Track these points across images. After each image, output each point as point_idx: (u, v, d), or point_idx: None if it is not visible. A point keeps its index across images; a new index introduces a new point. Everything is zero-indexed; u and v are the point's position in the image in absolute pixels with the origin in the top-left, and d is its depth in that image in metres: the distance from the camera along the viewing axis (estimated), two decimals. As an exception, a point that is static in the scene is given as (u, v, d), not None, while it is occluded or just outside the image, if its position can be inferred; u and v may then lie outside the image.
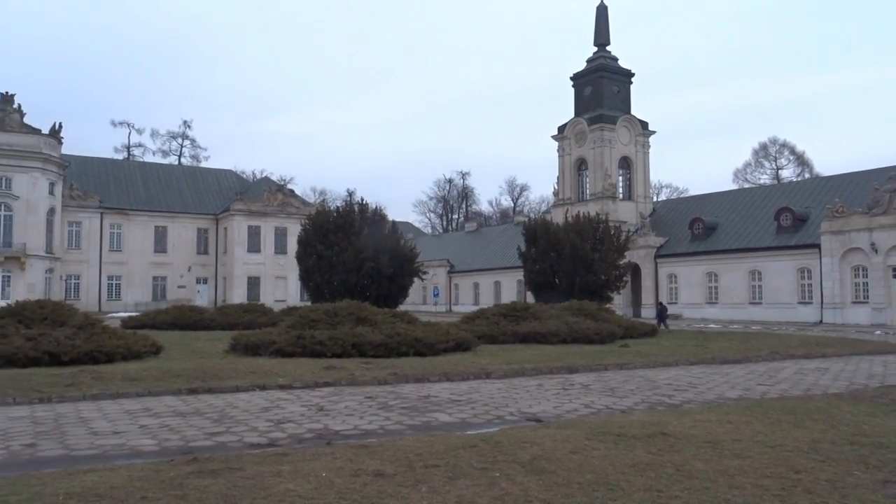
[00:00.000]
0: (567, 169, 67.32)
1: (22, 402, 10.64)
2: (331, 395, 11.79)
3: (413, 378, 13.73)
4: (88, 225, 65.53)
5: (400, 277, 38.59)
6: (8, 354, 14.44)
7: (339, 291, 35.25)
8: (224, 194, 73.21)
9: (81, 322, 17.11)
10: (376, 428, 8.88)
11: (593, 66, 67.21)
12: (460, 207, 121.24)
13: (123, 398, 11.23)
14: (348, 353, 16.98)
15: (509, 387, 12.96)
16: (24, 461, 7.05)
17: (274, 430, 8.66)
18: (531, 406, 10.68)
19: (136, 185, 70.86)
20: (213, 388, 12.08)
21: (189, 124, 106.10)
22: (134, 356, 16.38)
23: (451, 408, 10.46)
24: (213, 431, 8.56)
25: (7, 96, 58.88)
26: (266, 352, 17.26)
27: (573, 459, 6.52)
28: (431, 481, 5.76)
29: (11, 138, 57.82)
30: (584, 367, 15.94)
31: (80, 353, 15.22)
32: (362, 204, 41.48)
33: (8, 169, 57.42)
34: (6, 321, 16.17)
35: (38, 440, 8.01)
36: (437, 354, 17.87)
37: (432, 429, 8.85)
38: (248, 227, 68.30)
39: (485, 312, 25.85)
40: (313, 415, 9.78)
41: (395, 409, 10.26)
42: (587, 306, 27.46)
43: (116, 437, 8.25)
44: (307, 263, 38.97)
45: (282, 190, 73.27)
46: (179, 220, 70.04)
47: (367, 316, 19.39)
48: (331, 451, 6.97)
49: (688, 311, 52.77)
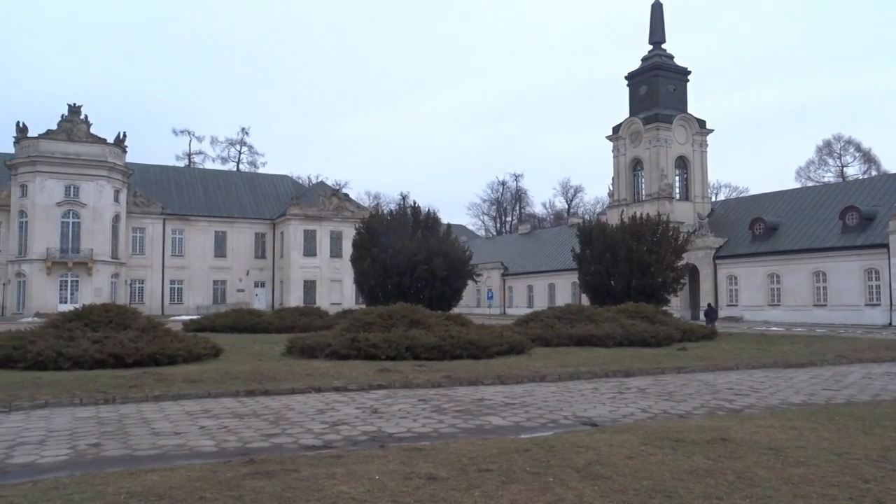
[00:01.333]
0: (622, 169, 66.39)
1: (88, 402, 10.99)
2: (385, 397, 11.84)
3: (466, 381, 13.69)
4: (152, 231, 67.51)
5: (453, 280, 38.62)
6: (75, 357, 14.95)
7: (394, 294, 35.45)
8: (281, 199, 74.53)
9: (144, 325, 17.60)
10: (429, 431, 8.88)
11: (648, 64, 66.14)
12: (514, 209, 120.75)
13: (184, 399, 11.50)
14: (402, 355, 17.05)
15: (564, 390, 12.82)
16: (89, 460, 7.26)
17: (328, 433, 8.73)
18: (586, 410, 10.53)
19: (197, 192, 72.69)
20: (270, 390, 12.27)
21: (247, 131, 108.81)
22: (194, 358, 16.77)
23: (504, 411, 10.39)
24: (270, 433, 8.69)
25: (74, 108, 61.16)
26: (321, 354, 17.46)
27: (629, 465, 6.39)
28: (484, 486, 5.72)
29: (79, 148, 60.03)
30: (640, 371, 15.66)
31: (144, 356, 15.66)
32: (415, 207, 41.66)
33: (76, 178, 59.62)
34: (74, 324, 16.74)
35: (102, 440, 8.24)
36: (490, 357, 17.80)
37: (485, 432, 8.79)
38: (304, 231, 69.38)
39: (539, 315, 25.65)
40: (367, 417, 9.83)
41: (448, 413, 10.24)
42: (643, 308, 26.98)
43: (177, 437, 8.44)
44: (362, 267, 39.33)
45: (337, 194, 74.20)
46: (238, 225, 71.58)
47: (420, 319, 19.44)
48: (384, 454, 6.99)
49: (749, 313, 51.40)
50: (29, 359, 14.81)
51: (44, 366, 14.64)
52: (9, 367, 14.77)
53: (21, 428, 8.99)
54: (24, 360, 14.81)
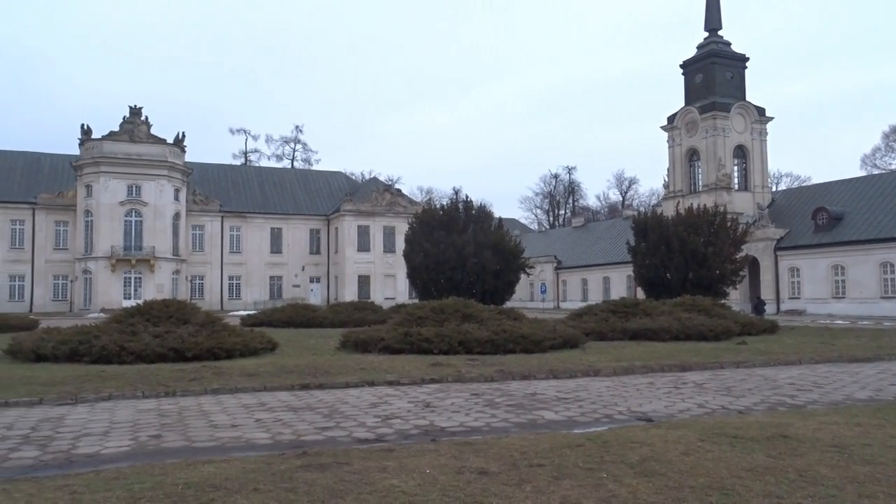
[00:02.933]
0: (677, 160, 65.11)
1: (149, 395, 11.30)
2: (437, 391, 11.86)
3: (519, 375, 13.62)
4: (210, 228, 69.12)
5: (506, 274, 38.52)
6: (138, 351, 15.41)
7: (446, 288, 35.54)
8: (334, 195, 75.41)
9: (203, 320, 18.02)
10: (481, 425, 8.85)
11: (704, 52, 64.63)
12: (567, 202, 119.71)
13: (241, 393, 11.72)
14: (455, 349, 17.06)
15: (618, 385, 12.63)
16: (149, 451, 7.46)
17: (381, 426, 8.78)
18: (641, 405, 10.35)
19: (253, 189, 74.09)
20: (324, 383, 12.41)
21: (300, 129, 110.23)
22: (251, 353, 17.10)
23: (557, 406, 10.29)
24: (324, 426, 8.78)
25: (136, 109, 62.96)
26: (375, 349, 17.60)
27: (685, 461, 6.25)
28: (536, 481, 5.66)
29: (140, 149, 61.81)
30: (697, 365, 15.33)
31: (202, 350, 16.04)
32: (467, 201, 41.64)
33: (138, 177, 61.43)
34: (136, 319, 17.25)
35: (162, 432, 8.46)
36: (543, 351, 17.67)
37: (538, 427, 8.72)
38: (357, 226, 70.07)
39: (593, 309, 25.37)
40: (419, 411, 9.86)
41: (500, 407, 10.19)
42: (701, 302, 26.43)
43: (234, 430, 8.60)
44: (414, 261, 39.55)
45: (389, 190, 74.71)
46: (293, 221, 72.70)
47: (473, 313, 19.42)
48: (435, 448, 6.99)
49: (812, 306, 49.89)
50: (94, 353, 15.33)
51: (108, 359, 15.12)
52: (75, 360, 15.31)
53: (86, 419, 9.29)
54: (90, 354, 15.33)
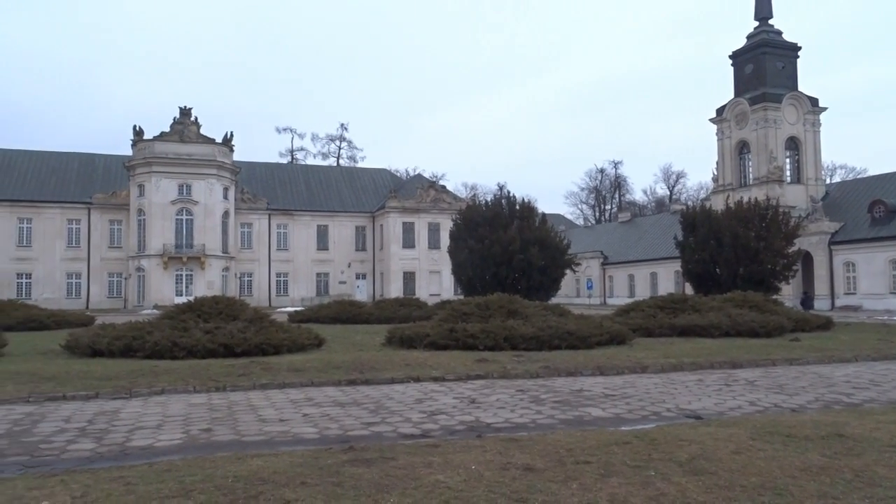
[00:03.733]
0: (727, 153, 63.79)
1: (200, 390, 11.54)
2: (482, 387, 11.85)
3: (565, 371, 13.53)
4: (258, 226, 70.22)
5: (551, 270, 38.23)
6: (189, 346, 15.74)
7: (491, 285, 35.43)
8: (379, 192, 75.87)
9: (252, 316, 18.32)
10: (527, 421, 8.81)
11: (754, 41, 63.14)
12: (613, 197, 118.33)
13: (289, 388, 11.89)
14: (500, 346, 17.01)
15: (666, 382, 12.45)
16: (200, 445, 7.62)
17: (427, 422, 8.81)
18: (690, 402, 10.18)
19: (300, 187, 75.00)
20: (370, 379, 12.51)
21: (346, 127, 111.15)
22: (299, 348, 17.32)
23: (604, 402, 10.19)
24: (370, 421, 8.85)
25: (185, 110, 64.29)
26: (420, 344, 17.66)
27: (736, 460, 6.12)
28: (582, 478, 5.61)
29: (190, 148, 63.11)
30: (748, 362, 15.01)
31: (251, 346, 16.30)
32: (512, 197, 41.46)
33: (188, 177, 62.75)
34: (187, 316, 17.62)
35: (213, 426, 8.63)
36: (590, 348, 17.51)
37: (584, 424, 8.65)
38: (402, 223, 70.40)
39: (640, 305, 25.03)
40: (465, 407, 9.86)
41: (546, 403, 10.14)
42: (752, 297, 25.84)
43: (282, 424, 8.73)
44: (459, 258, 39.53)
45: (434, 186, 74.86)
46: (339, 218, 73.38)
47: (518, 309, 19.35)
48: (481, 444, 6.98)
49: (868, 301, 48.37)
50: (147, 348, 15.71)
51: (160, 355, 15.48)
52: (129, 356, 15.71)
53: (140, 413, 9.53)
54: (143, 350, 15.72)
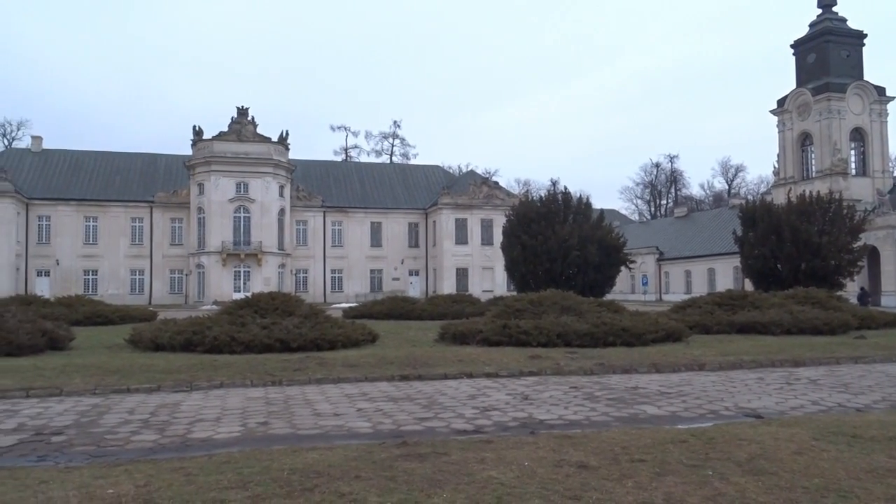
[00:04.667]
0: (788, 145, 62.02)
1: (258, 384, 11.78)
2: (535, 384, 11.79)
3: (620, 369, 13.36)
4: (313, 223, 71.24)
5: (606, 266, 37.82)
6: (246, 341, 16.08)
7: (544, 281, 35.24)
8: (432, 189, 76.12)
9: (307, 312, 18.59)
10: (581, 419, 8.73)
11: (817, 30, 61.20)
12: (669, 192, 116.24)
13: (343, 382, 12.03)
14: (553, 342, 16.90)
15: (725, 380, 12.17)
16: (258, 437, 7.77)
17: (480, 418, 8.81)
18: (749, 401, 9.94)
19: (354, 185, 75.80)
20: (423, 374, 12.57)
21: (399, 124, 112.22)
22: (353, 344, 17.51)
23: (659, 400, 10.03)
24: (423, 416, 8.89)
25: (243, 110, 65.59)
26: (473, 341, 17.66)
27: (798, 461, 5.95)
28: (637, 476, 5.53)
29: (247, 147, 64.40)
30: (811, 361, 14.57)
31: (306, 341, 16.56)
32: (566, 192, 41.11)
33: (245, 175, 64.06)
34: (245, 311, 17.99)
35: (270, 419, 8.79)
36: (645, 345, 17.25)
37: (639, 421, 8.53)
38: (455, 219, 70.52)
39: (697, 301, 24.53)
40: (518, 403, 9.83)
41: (600, 400, 10.03)
42: (815, 294, 25.08)
43: (336, 418, 8.84)
44: (512, 254, 39.42)
45: (486, 182, 74.74)
46: (392, 215, 73.92)
47: (572, 305, 19.18)
48: (534, 441, 6.95)
49: (940, 298, 46.48)
50: (207, 343, 16.11)
51: (219, 349, 15.85)
52: (190, 350, 16.13)
53: (200, 406, 9.77)
54: (203, 344, 16.12)
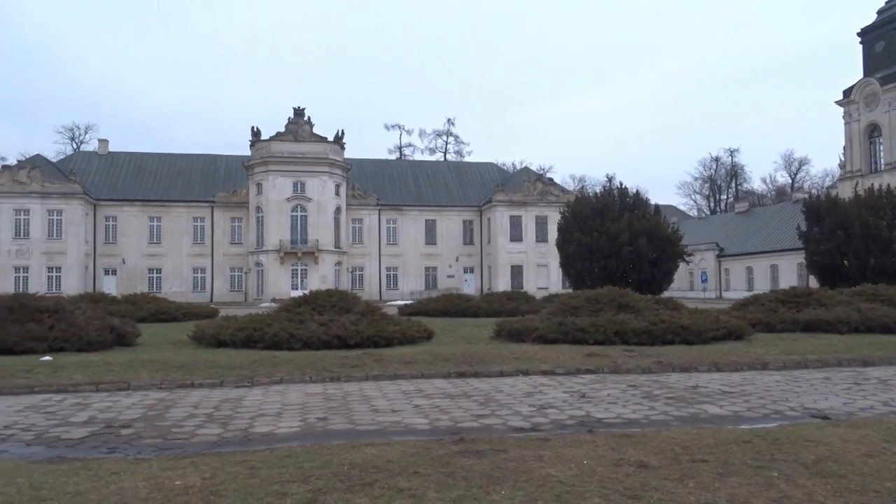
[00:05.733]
0: (855, 137, 59.90)
1: (316, 380, 11.96)
2: (592, 382, 11.68)
3: (679, 367, 13.12)
4: (368, 221, 71.99)
5: (663, 262, 37.24)
6: (305, 338, 16.35)
7: (600, 278, 34.90)
8: (486, 186, 76.06)
9: (364, 309, 18.81)
10: (640, 417, 8.61)
11: (886, 16, 58.91)
12: (729, 187, 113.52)
13: (400, 379, 12.12)
14: (610, 340, 16.71)
15: (789, 379, 11.84)
16: (317, 432, 7.90)
17: (536, 415, 8.78)
18: (816, 401, 9.64)
19: (408, 183, 76.31)
20: (479, 372, 12.58)
21: (452, 122, 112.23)
22: (409, 341, 17.64)
23: (721, 400, 9.82)
24: (479, 414, 8.90)
25: (299, 111, 66.69)
26: (529, 338, 17.59)
27: (869, 464, 5.75)
28: (699, 476, 5.43)
29: (304, 147, 65.46)
30: (881, 360, 14.04)
31: (363, 338, 16.75)
32: (621, 188, 40.60)
33: (302, 174, 65.13)
34: (303, 308, 18.31)
35: (329, 415, 8.93)
36: (705, 343, 16.91)
37: (700, 421, 8.36)
38: (509, 217, 70.33)
39: (759, 299, 23.92)
40: (575, 401, 9.75)
41: (659, 399, 9.87)
42: (885, 291, 24.13)
43: (394, 414, 8.92)
44: (567, 251, 39.15)
45: (541, 179, 74.32)
46: (446, 213, 74.14)
47: (629, 302, 18.93)
48: (592, 439, 6.89)
49: None
50: (266, 339, 16.45)
51: (279, 346, 16.17)
52: (250, 346, 16.50)
53: (261, 401, 9.98)
54: (263, 341, 16.47)
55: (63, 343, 15.82)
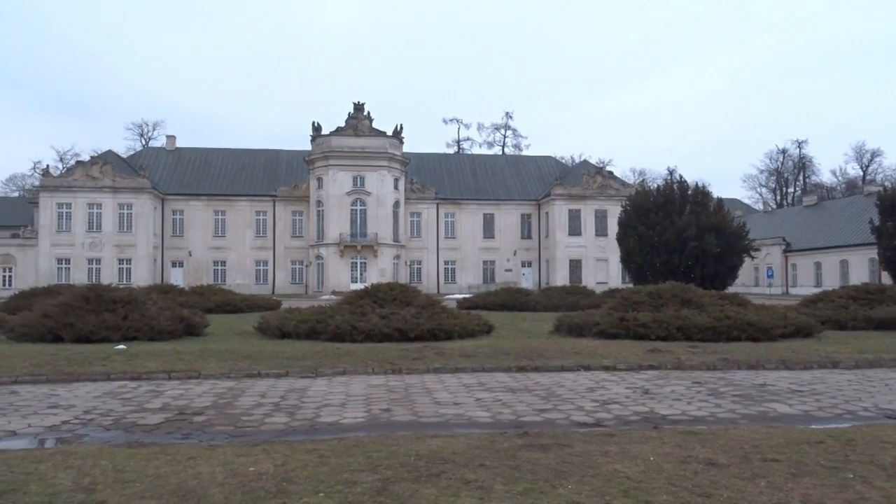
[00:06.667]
0: (933, 127, 57.27)
1: (378, 372, 12.14)
2: (655, 378, 11.54)
3: (745, 364, 12.85)
4: (426, 215, 72.30)
5: (728, 257, 36.40)
6: (366, 330, 16.59)
7: (662, 273, 34.32)
8: (545, 180, 75.50)
9: (424, 303, 18.97)
10: (706, 415, 8.48)
11: (968, 0, 56.10)
12: (796, 180, 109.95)
13: (460, 372, 12.21)
14: (673, 336, 16.46)
15: (862, 378, 11.47)
16: (381, 423, 8.03)
17: (599, 411, 8.73)
18: (891, 402, 9.32)
19: (466, 177, 76.30)
20: (540, 366, 12.56)
21: (510, 115, 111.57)
22: (468, 334, 17.71)
23: (791, 398, 9.58)
24: (541, 408, 8.90)
25: (359, 105, 67.35)
26: (589, 333, 17.46)
27: (950, 467, 5.55)
28: (771, 476, 5.33)
29: (364, 142, 66.13)
30: (961, 360, 13.46)
31: (424, 331, 16.90)
32: (684, 182, 39.82)
33: (361, 169, 65.82)
34: (364, 301, 18.57)
35: (392, 406, 9.06)
36: (772, 340, 16.49)
37: (769, 420, 8.19)
38: (568, 210, 69.66)
39: (829, 295, 23.17)
40: (638, 397, 9.66)
41: (726, 397, 9.70)
42: (964, 288, 23.12)
43: (456, 407, 8.99)
44: (628, 245, 38.64)
45: (600, 172, 73.35)
46: (505, 207, 73.89)
47: (692, 298, 18.59)
48: (658, 436, 6.82)
49: None
50: (329, 331, 16.75)
51: (341, 338, 16.44)
52: (314, 338, 16.83)
53: (325, 392, 10.19)
54: (326, 333, 16.78)
55: (136, 332, 16.44)
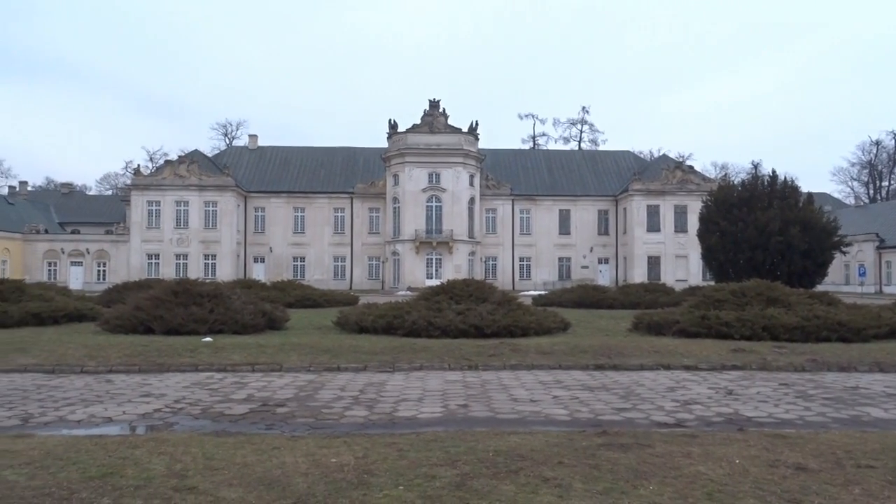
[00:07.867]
0: None
1: (455, 367, 12.21)
2: (739, 378, 11.19)
3: (836, 366, 12.32)
4: (502, 211, 72.14)
5: (816, 254, 34.90)
6: (442, 326, 16.68)
7: (745, 270, 33.20)
8: (622, 175, 74.20)
9: (500, 299, 18.92)
10: (794, 418, 8.18)
11: None
12: (891, 173, 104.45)
13: (537, 369, 12.15)
14: (758, 335, 15.91)
15: (966, 383, 10.83)
16: (459, 419, 8.08)
17: (680, 411, 8.54)
18: None
19: (542, 172, 75.73)
20: (618, 365, 12.37)
21: (587, 110, 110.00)
22: (545, 331, 17.57)
23: (886, 402, 9.13)
24: (620, 407, 8.77)
25: (434, 102, 67.74)
26: (669, 331, 17.06)
27: None
28: (866, 483, 5.10)
29: (439, 139, 66.48)
30: None
31: (500, 327, 16.86)
32: (772, 175, 38.39)
33: (437, 165, 66.21)
34: (440, 297, 18.67)
35: (469, 402, 9.10)
36: (865, 341, 15.74)
37: (863, 424, 7.83)
38: (646, 206, 68.24)
39: (928, 294, 21.94)
40: (721, 398, 9.40)
41: (815, 399, 9.32)
42: None
43: (533, 404, 8.96)
44: (709, 241, 37.55)
45: (680, 167, 71.51)
46: (581, 202, 72.99)
47: (778, 296, 17.92)
48: (743, 438, 6.62)
49: None
50: (406, 327, 16.92)
51: (417, 333, 16.58)
52: (390, 333, 17.03)
53: (403, 386, 10.32)
54: (402, 328, 16.96)
55: (221, 325, 17.03)
